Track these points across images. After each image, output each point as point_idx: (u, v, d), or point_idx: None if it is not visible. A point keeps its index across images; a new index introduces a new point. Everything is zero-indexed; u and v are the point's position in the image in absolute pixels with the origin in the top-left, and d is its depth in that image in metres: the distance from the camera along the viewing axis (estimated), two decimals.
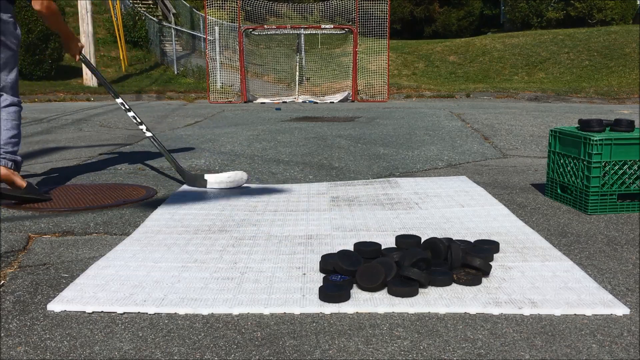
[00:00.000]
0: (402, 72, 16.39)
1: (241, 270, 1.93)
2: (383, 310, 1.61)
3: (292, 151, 4.67)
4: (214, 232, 2.38)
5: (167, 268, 1.94)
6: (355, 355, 1.38)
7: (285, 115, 8.35)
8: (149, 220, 2.57)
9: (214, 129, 6.39)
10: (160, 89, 13.39)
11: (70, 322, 1.56)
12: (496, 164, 4.03)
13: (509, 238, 2.26)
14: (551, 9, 20.98)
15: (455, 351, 1.40)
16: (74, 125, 6.99)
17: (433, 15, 23.74)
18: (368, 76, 12.52)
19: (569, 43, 16.58)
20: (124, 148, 4.92)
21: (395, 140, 5.30)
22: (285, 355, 1.39)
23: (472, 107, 9.38)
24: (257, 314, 1.61)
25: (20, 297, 1.73)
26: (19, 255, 2.12)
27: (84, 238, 2.33)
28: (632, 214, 2.67)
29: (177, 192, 3.14)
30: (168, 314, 1.61)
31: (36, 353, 1.40)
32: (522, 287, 1.77)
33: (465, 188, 3.16)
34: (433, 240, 1.95)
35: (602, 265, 1.97)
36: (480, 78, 15.58)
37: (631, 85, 12.99)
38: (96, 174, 3.75)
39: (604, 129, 2.73)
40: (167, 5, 19.63)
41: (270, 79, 13.68)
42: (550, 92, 12.51)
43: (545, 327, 1.52)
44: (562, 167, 2.88)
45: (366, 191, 3.14)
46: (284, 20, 14.40)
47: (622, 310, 1.60)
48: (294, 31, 12.51)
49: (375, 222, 2.52)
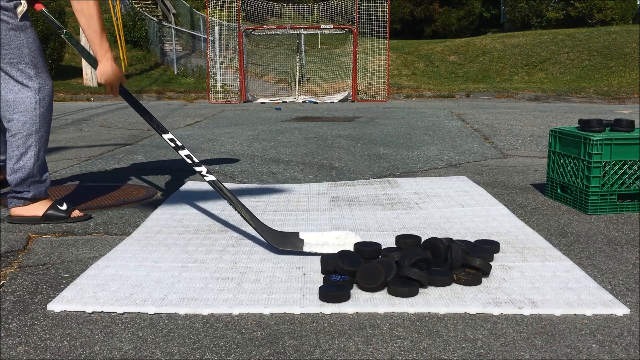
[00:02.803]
0: (402, 72, 16.39)
1: (241, 270, 1.93)
2: (383, 310, 1.61)
3: (292, 151, 4.67)
4: (214, 232, 2.38)
5: (167, 268, 1.94)
6: (355, 355, 1.38)
7: (285, 115, 8.35)
8: (149, 220, 2.57)
9: (214, 129, 6.40)
10: (160, 89, 13.39)
11: (70, 322, 1.56)
12: (496, 164, 4.03)
13: (509, 238, 2.26)
14: (551, 9, 20.98)
15: (455, 351, 1.40)
16: (74, 125, 6.99)
17: (433, 15, 23.73)
18: (368, 76, 12.52)
19: (569, 43, 16.58)
20: (124, 148, 4.92)
21: (396, 140, 5.30)
22: (285, 355, 1.39)
23: (472, 107, 9.38)
24: (257, 314, 1.60)
25: (20, 297, 1.73)
26: (19, 255, 2.12)
27: (84, 238, 2.33)
28: (632, 214, 2.67)
29: (177, 192, 3.14)
30: (168, 314, 1.61)
31: (36, 353, 1.40)
32: (522, 287, 1.77)
33: (465, 188, 3.16)
34: (433, 240, 1.95)
35: (602, 265, 1.97)
36: (480, 78, 15.58)
37: (631, 85, 12.99)
38: (96, 174, 3.75)
39: (604, 129, 2.73)
40: (167, 5, 19.64)
41: (271, 79, 13.68)
42: (550, 92, 12.51)
43: (545, 327, 1.52)
44: (562, 167, 2.88)
45: (366, 191, 3.14)
46: (284, 20, 14.39)
47: (622, 310, 1.60)
48: (294, 31, 12.51)
49: (375, 222, 2.52)
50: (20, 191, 2.50)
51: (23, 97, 2.40)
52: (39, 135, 2.46)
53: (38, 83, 2.42)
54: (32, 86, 2.41)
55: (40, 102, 2.44)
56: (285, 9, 14.56)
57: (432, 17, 23.78)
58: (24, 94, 2.41)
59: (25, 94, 2.41)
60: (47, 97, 2.47)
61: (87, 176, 3.66)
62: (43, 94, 2.44)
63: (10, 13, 2.33)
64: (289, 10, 14.66)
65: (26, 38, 2.39)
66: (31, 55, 2.40)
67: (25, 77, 2.40)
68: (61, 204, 2.56)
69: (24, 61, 2.39)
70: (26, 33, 2.39)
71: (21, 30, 2.37)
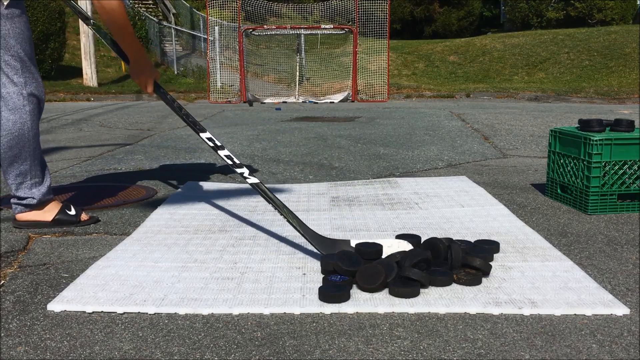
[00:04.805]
0: (402, 72, 16.39)
1: (241, 270, 1.93)
2: (383, 310, 1.61)
3: (292, 151, 4.67)
4: (214, 232, 2.38)
5: (167, 268, 1.94)
6: (355, 355, 1.38)
7: (285, 115, 8.35)
8: (149, 220, 2.57)
9: (214, 129, 6.40)
10: None
11: (70, 322, 1.56)
12: (496, 164, 4.03)
13: (509, 238, 2.26)
14: (551, 9, 20.98)
15: (455, 351, 1.40)
16: (74, 125, 6.99)
17: (433, 15, 23.74)
18: (368, 76, 12.51)
19: (569, 43, 16.58)
20: (124, 148, 4.92)
21: (395, 140, 5.30)
22: (285, 355, 1.39)
23: (472, 107, 9.38)
24: (257, 314, 1.60)
25: (20, 297, 1.73)
26: (19, 255, 2.12)
27: (84, 238, 2.33)
28: (632, 214, 2.67)
29: (177, 192, 3.14)
30: (168, 314, 1.61)
31: (36, 353, 1.40)
32: (522, 287, 1.77)
33: (465, 188, 3.16)
34: (433, 240, 1.95)
35: (602, 265, 1.97)
36: (480, 78, 15.58)
37: (631, 85, 12.99)
38: (96, 174, 3.75)
39: (604, 129, 2.73)
40: (167, 5, 19.64)
41: (271, 79, 13.68)
42: (550, 92, 12.51)
43: (545, 327, 1.52)
44: (562, 167, 2.88)
45: (366, 191, 3.14)
46: (284, 20, 14.40)
47: (622, 310, 1.60)
48: (294, 31, 12.50)
49: (375, 222, 2.52)
50: (23, 197, 2.37)
51: (10, 93, 2.23)
52: (32, 133, 2.31)
53: (24, 77, 2.25)
54: (17, 81, 2.24)
55: (28, 98, 2.27)
56: (285, 9, 14.56)
57: (432, 17, 23.79)
58: (10, 89, 2.23)
59: (12, 89, 2.23)
60: (35, 92, 2.30)
61: (87, 176, 3.66)
62: (29, 89, 2.27)
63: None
64: (289, 10, 14.65)
65: (12, 28, 2.19)
66: (17, 47, 2.21)
67: (10, 70, 2.22)
68: (69, 208, 2.47)
69: (10, 53, 2.20)
70: (13, 22, 2.19)
71: (7, 19, 2.17)
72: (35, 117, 2.34)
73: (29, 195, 2.38)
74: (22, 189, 2.37)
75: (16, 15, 2.22)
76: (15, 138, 2.28)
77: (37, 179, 2.40)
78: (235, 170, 2.17)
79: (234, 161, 2.18)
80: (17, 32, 2.22)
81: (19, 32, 2.23)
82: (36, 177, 2.39)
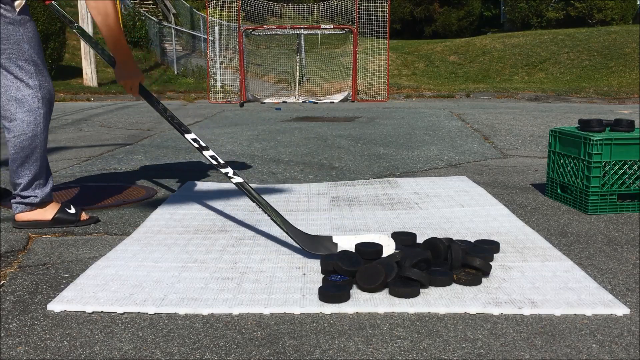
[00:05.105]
0: (402, 72, 16.39)
1: (241, 270, 1.93)
2: (383, 310, 1.61)
3: (292, 151, 4.67)
4: (214, 232, 2.38)
5: (167, 268, 1.94)
6: (355, 355, 1.38)
7: (285, 115, 8.35)
8: (149, 220, 2.57)
9: (214, 129, 6.40)
10: (161, 89, 13.39)
11: (70, 322, 1.56)
12: (496, 164, 4.03)
13: (509, 238, 2.26)
14: (551, 9, 20.98)
15: (455, 351, 1.40)
16: (74, 125, 6.99)
17: (433, 15, 23.74)
18: (368, 76, 12.51)
19: (569, 43, 16.58)
20: (124, 148, 4.92)
21: (395, 140, 5.30)
22: (285, 355, 1.39)
23: (472, 107, 9.38)
24: (257, 314, 1.61)
25: (20, 297, 1.73)
26: (19, 255, 2.12)
27: (84, 238, 2.33)
28: (632, 214, 2.67)
29: (177, 192, 3.14)
30: (168, 314, 1.61)
31: (36, 353, 1.40)
32: (522, 287, 1.77)
33: (465, 188, 3.16)
34: (433, 240, 1.95)
35: (602, 265, 1.97)
36: (480, 78, 15.58)
37: (631, 85, 12.99)
38: (96, 174, 3.75)
39: (604, 129, 2.73)
40: (167, 6, 19.64)
41: (271, 79, 13.68)
42: (550, 92, 12.51)
43: (545, 327, 1.52)
44: (562, 167, 2.88)
45: (366, 191, 3.14)
46: (284, 20, 14.39)
47: (622, 310, 1.60)
48: (294, 31, 12.50)
49: (375, 222, 2.52)
50: (26, 196, 2.40)
51: (25, 96, 2.29)
52: (44, 135, 2.37)
53: (38, 81, 2.31)
54: (32, 84, 2.30)
55: (42, 101, 2.33)
56: (285, 9, 14.56)
57: (432, 17, 23.79)
58: (25, 92, 2.29)
59: (27, 92, 2.29)
60: (48, 95, 2.36)
61: (87, 176, 3.66)
62: (43, 92, 2.33)
63: (8, 6, 2.21)
64: (289, 10, 14.66)
65: (25, 33, 2.27)
66: (31, 51, 2.28)
67: (25, 74, 2.28)
68: (69, 207, 2.49)
69: (24, 57, 2.26)
70: (25, 28, 2.27)
71: (20, 25, 2.24)
72: (47, 119, 2.40)
73: (32, 194, 2.41)
74: (27, 189, 2.40)
75: (27, 21, 2.29)
76: (28, 139, 2.33)
77: (42, 180, 2.44)
78: (220, 170, 2.22)
79: (219, 161, 2.23)
80: (29, 37, 2.29)
81: (31, 36, 2.30)
82: (41, 179, 2.44)
